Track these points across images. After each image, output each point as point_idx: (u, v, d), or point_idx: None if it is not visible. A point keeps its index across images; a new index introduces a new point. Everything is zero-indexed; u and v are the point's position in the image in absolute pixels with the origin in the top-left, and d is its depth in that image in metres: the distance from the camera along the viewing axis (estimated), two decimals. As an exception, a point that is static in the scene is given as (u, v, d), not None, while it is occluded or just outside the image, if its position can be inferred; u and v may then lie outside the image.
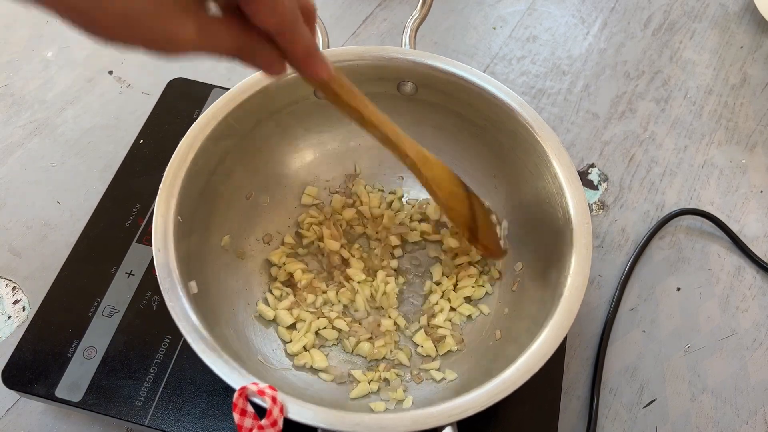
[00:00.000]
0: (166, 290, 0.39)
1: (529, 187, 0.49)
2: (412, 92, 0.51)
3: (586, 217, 0.43)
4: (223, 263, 0.48)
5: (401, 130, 0.42)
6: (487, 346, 0.48)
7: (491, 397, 0.37)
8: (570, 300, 0.40)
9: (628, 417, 0.50)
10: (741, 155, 0.64)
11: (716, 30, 0.73)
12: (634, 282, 0.56)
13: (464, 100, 0.50)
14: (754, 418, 0.51)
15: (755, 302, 0.56)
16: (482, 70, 0.69)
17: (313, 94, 0.50)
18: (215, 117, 0.46)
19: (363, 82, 0.50)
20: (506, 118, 0.48)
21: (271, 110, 0.50)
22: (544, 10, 0.74)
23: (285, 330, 0.48)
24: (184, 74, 0.65)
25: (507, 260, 0.51)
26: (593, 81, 0.69)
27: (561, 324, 0.39)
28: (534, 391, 0.46)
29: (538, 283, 0.47)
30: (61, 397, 0.45)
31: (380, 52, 0.49)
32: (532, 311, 0.45)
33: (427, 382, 0.47)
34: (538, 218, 0.48)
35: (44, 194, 0.58)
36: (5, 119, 0.62)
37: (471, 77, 0.49)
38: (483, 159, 0.52)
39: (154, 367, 0.46)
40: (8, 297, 0.53)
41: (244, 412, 0.35)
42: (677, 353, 0.53)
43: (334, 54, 0.49)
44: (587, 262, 0.41)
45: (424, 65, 0.49)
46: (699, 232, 0.59)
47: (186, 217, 0.43)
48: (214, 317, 0.43)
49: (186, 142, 0.44)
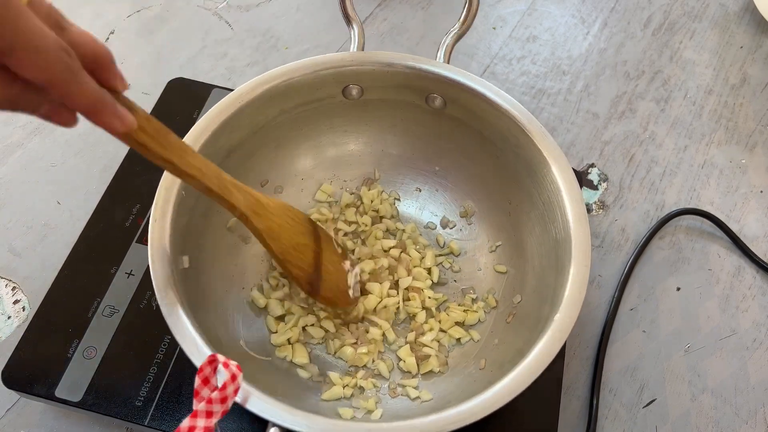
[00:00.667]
0: (153, 260, 0.39)
1: (539, 218, 0.48)
2: (440, 106, 0.51)
3: (586, 255, 0.42)
4: (226, 244, 0.49)
5: (229, 176, 0.39)
6: (468, 373, 0.47)
7: (473, 415, 0.36)
8: (560, 324, 0.39)
9: (628, 417, 0.50)
10: (741, 155, 0.64)
11: (716, 30, 0.73)
12: (634, 282, 0.56)
13: (487, 120, 0.49)
14: (754, 418, 0.51)
15: (755, 302, 0.56)
16: (482, 70, 0.69)
17: (341, 93, 0.50)
18: (238, 101, 0.46)
19: (391, 88, 0.50)
20: (524, 144, 0.47)
21: (297, 102, 0.50)
22: (544, 10, 0.74)
23: (273, 320, 0.48)
24: (184, 74, 0.65)
25: (507, 290, 0.50)
26: (593, 81, 0.69)
27: (552, 340, 0.39)
28: (534, 391, 0.46)
29: (531, 320, 0.45)
30: (61, 397, 0.45)
31: (411, 61, 0.49)
32: (519, 345, 0.43)
33: (401, 399, 0.46)
34: (543, 251, 0.47)
35: (44, 194, 0.58)
36: (5, 119, 0.62)
37: (495, 98, 0.48)
38: (500, 182, 0.51)
39: (154, 367, 0.46)
40: (8, 297, 0.53)
41: (206, 380, 0.34)
42: (677, 353, 0.53)
43: (365, 57, 0.49)
44: (579, 303, 0.40)
45: (454, 81, 0.48)
46: (699, 232, 0.59)
47: (191, 192, 0.43)
48: (202, 295, 0.43)
49: (206, 119, 0.44)
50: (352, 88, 0.50)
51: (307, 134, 0.53)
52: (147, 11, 0.71)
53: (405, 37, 0.70)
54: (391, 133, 0.54)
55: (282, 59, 0.67)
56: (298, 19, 0.71)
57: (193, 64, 0.67)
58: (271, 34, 0.70)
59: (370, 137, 0.55)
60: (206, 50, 0.68)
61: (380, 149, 0.55)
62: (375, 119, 0.53)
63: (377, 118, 0.53)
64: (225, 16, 0.71)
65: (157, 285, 0.38)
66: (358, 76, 0.49)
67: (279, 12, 0.72)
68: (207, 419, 0.33)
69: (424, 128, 0.53)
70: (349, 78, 0.49)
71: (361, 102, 0.51)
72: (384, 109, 0.52)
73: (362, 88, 0.50)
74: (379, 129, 0.54)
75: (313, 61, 0.48)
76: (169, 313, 0.38)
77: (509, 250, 0.51)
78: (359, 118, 0.53)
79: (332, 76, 0.49)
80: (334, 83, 0.50)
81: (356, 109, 0.52)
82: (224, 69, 0.67)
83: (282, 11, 0.72)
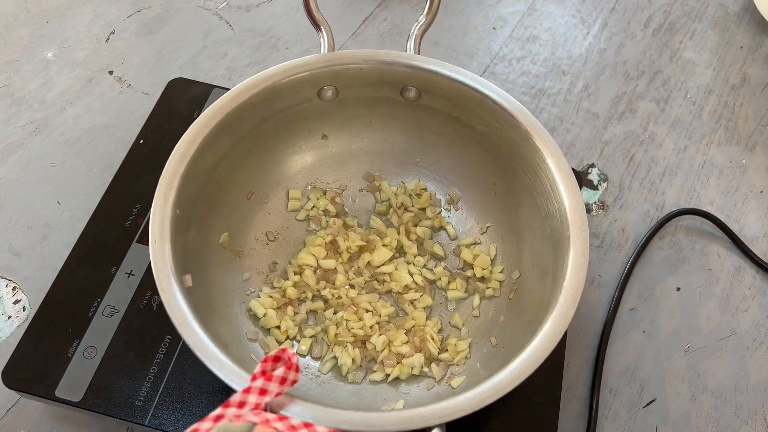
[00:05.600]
0: (160, 281, 0.39)
1: (527, 194, 0.49)
2: (415, 98, 0.51)
3: (583, 221, 0.43)
4: (221, 260, 0.49)
5: None
6: (480, 352, 0.47)
7: (483, 400, 0.36)
8: (564, 307, 0.40)
9: (628, 417, 0.50)
10: (741, 155, 0.64)
11: (716, 30, 0.73)
12: (634, 282, 0.56)
13: (465, 107, 0.50)
14: (754, 418, 0.51)
15: (755, 302, 0.56)
16: (482, 70, 0.69)
17: (317, 95, 0.50)
18: (218, 114, 0.46)
19: (366, 86, 0.51)
20: (506, 124, 0.48)
21: (275, 109, 0.50)
22: (544, 10, 0.74)
23: (272, 328, 0.49)
24: (184, 74, 0.65)
25: (505, 268, 0.51)
26: (593, 81, 0.69)
27: (554, 330, 0.39)
28: (534, 391, 0.46)
29: (534, 290, 0.46)
30: (61, 397, 0.45)
31: (384, 56, 0.49)
32: (528, 317, 0.44)
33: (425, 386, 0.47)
34: (535, 225, 0.48)
35: (44, 194, 0.58)
36: (5, 119, 0.62)
37: (472, 83, 0.48)
38: (483, 165, 0.52)
39: (154, 367, 0.46)
40: (8, 297, 0.53)
41: (263, 372, 0.34)
42: (677, 353, 0.53)
43: (337, 57, 0.49)
44: (583, 269, 0.41)
45: (427, 71, 0.49)
46: (699, 232, 0.59)
47: (185, 211, 0.43)
48: (209, 312, 0.43)
49: (188, 137, 0.44)
50: (327, 89, 0.50)
51: (287, 140, 0.53)
52: (147, 11, 0.71)
53: (405, 37, 0.70)
54: (369, 130, 0.54)
55: (282, 59, 0.67)
56: (299, 19, 0.71)
57: (193, 64, 0.67)
58: (271, 34, 0.70)
59: (348, 137, 0.55)
60: (206, 50, 0.68)
61: (359, 148, 0.55)
62: (352, 118, 0.53)
63: (354, 116, 0.53)
64: (225, 17, 0.71)
65: (167, 301, 0.38)
66: (332, 76, 0.50)
67: (279, 12, 0.72)
68: (260, 396, 0.33)
69: (402, 122, 0.53)
70: (324, 80, 0.50)
71: (336, 102, 0.52)
72: (360, 108, 0.53)
73: (337, 88, 0.51)
74: (357, 128, 0.54)
75: (287, 65, 0.48)
76: (188, 334, 0.37)
77: (501, 230, 0.52)
78: (336, 119, 0.53)
79: (308, 79, 0.49)
80: (309, 86, 0.50)
81: (332, 110, 0.52)
82: (224, 69, 0.67)
83: (282, 11, 0.72)
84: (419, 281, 0.51)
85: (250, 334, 0.48)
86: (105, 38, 0.68)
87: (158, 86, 0.61)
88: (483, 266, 0.51)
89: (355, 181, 0.56)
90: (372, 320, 0.49)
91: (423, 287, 0.51)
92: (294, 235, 0.54)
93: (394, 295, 0.51)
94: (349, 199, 0.56)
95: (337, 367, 0.48)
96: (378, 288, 0.51)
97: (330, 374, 0.48)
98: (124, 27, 0.69)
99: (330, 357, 0.48)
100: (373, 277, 0.52)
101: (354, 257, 0.53)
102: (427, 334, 0.49)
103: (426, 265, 0.53)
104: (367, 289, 0.51)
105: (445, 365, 0.48)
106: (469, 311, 0.51)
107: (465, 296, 0.51)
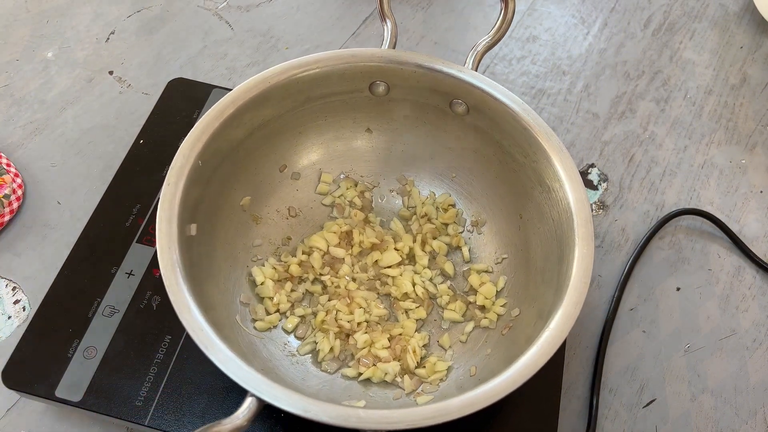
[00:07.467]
0: (160, 221, 0.40)
1: (548, 237, 0.47)
2: (463, 113, 0.50)
3: (587, 275, 0.41)
4: (237, 221, 0.49)
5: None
6: (457, 379, 0.47)
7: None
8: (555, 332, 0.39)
9: (628, 417, 0.50)
10: (741, 155, 0.64)
11: (716, 30, 0.73)
12: (634, 282, 0.56)
13: (509, 133, 0.48)
14: (754, 418, 0.51)
15: (755, 302, 0.56)
16: (482, 70, 0.69)
17: (368, 89, 0.51)
18: (266, 81, 0.46)
19: (417, 90, 0.50)
20: (542, 158, 0.46)
21: (324, 91, 0.50)
22: (544, 10, 0.74)
23: (266, 298, 0.49)
24: (184, 74, 0.65)
25: (507, 305, 0.50)
26: (593, 81, 0.69)
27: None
28: (534, 391, 0.46)
29: (526, 330, 0.45)
30: (61, 397, 0.45)
31: (440, 65, 0.49)
32: (511, 356, 0.42)
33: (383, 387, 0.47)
34: (545, 268, 0.47)
35: (44, 194, 0.58)
36: (5, 119, 0.62)
37: (518, 109, 0.47)
38: (514, 195, 0.51)
39: (154, 367, 0.46)
40: (8, 297, 0.53)
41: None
42: (677, 353, 0.53)
43: (395, 56, 0.49)
44: (571, 320, 0.39)
45: (479, 89, 0.48)
46: (699, 232, 0.59)
47: (208, 164, 0.44)
48: (207, 265, 0.44)
49: (231, 96, 0.45)
50: (379, 85, 0.50)
51: (330, 125, 0.53)
52: (147, 11, 0.71)
53: (405, 37, 0.71)
54: (413, 134, 0.54)
55: (282, 59, 0.67)
56: (299, 19, 0.71)
57: (193, 64, 0.67)
58: (271, 34, 0.70)
59: (392, 136, 0.55)
60: (206, 50, 0.68)
61: (400, 149, 0.55)
62: (398, 118, 0.53)
63: (400, 117, 0.53)
64: (225, 17, 0.71)
65: (160, 244, 0.39)
66: (386, 73, 0.49)
67: (279, 12, 0.72)
68: None
69: (447, 133, 0.53)
70: (377, 74, 0.49)
71: (386, 99, 0.51)
72: (408, 110, 0.52)
73: (389, 85, 0.50)
74: (402, 129, 0.54)
75: (344, 52, 0.48)
76: (168, 272, 0.38)
77: (515, 264, 0.51)
78: (383, 115, 0.53)
79: (361, 70, 0.49)
80: (362, 78, 0.50)
81: (381, 106, 0.52)
82: (224, 69, 0.67)
83: (282, 11, 0.72)
84: (420, 293, 0.51)
85: (244, 298, 0.48)
86: (105, 38, 0.68)
87: (158, 86, 0.61)
88: (487, 295, 0.50)
89: (388, 180, 0.56)
90: (362, 317, 0.49)
91: (422, 300, 0.51)
92: (315, 217, 0.54)
93: (392, 299, 0.51)
94: (378, 196, 0.56)
95: (315, 352, 0.48)
96: (378, 288, 0.51)
97: (306, 357, 0.48)
98: (124, 27, 0.69)
99: (311, 340, 0.48)
100: (377, 276, 0.52)
101: (364, 253, 0.53)
102: (410, 345, 0.48)
103: (432, 279, 0.52)
104: (367, 286, 0.51)
105: (418, 380, 0.47)
106: (459, 335, 0.50)
107: (461, 320, 0.50)
